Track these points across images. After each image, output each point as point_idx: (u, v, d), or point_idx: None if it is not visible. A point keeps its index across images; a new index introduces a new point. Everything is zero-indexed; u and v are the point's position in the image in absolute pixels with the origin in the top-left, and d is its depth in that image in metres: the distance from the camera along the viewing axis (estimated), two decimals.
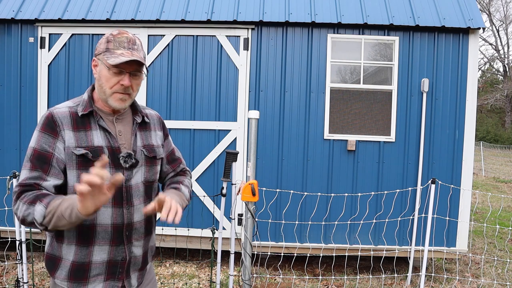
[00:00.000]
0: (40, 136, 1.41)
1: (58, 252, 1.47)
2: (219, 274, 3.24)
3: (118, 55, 1.42)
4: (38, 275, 4.15)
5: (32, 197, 1.34)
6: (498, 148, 22.89)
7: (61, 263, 1.47)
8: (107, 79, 1.44)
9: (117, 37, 1.45)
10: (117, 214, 1.49)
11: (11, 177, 3.29)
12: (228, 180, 3.04)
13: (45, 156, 1.40)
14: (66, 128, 1.43)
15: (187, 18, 4.45)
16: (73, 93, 4.59)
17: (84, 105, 1.48)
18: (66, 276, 1.47)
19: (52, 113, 1.43)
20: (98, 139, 1.47)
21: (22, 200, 1.35)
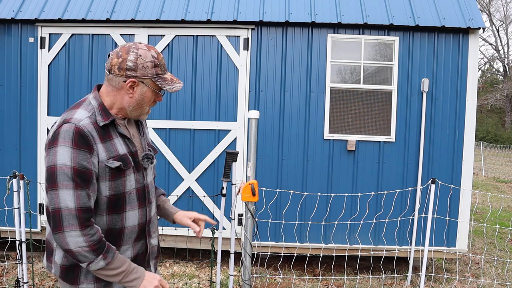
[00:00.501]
0: (75, 153, 1.37)
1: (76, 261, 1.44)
2: (219, 274, 3.24)
3: (170, 82, 1.52)
4: (38, 275, 4.15)
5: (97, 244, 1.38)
6: (498, 148, 22.89)
7: (81, 269, 1.48)
8: (149, 100, 1.53)
9: (159, 60, 1.50)
10: (142, 214, 1.58)
11: (11, 177, 3.29)
12: (228, 180, 3.04)
13: (86, 173, 1.39)
14: (97, 141, 1.43)
15: (187, 18, 4.45)
16: (73, 93, 4.59)
17: (101, 114, 1.47)
18: (93, 279, 1.49)
19: (80, 127, 1.39)
20: (121, 147, 1.51)
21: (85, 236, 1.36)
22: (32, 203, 4.46)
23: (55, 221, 1.36)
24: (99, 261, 1.39)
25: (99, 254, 1.39)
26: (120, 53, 1.46)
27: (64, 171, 1.35)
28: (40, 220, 4.63)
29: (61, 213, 1.35)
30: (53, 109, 4.60)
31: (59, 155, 1.36)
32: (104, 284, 1.51)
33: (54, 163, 1.36)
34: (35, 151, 4.60)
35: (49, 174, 1.37)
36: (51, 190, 1.37)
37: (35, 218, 4.61)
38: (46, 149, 1.41)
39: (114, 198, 1.48)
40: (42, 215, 4.62)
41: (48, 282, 4.01)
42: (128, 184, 1.51)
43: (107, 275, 1.43)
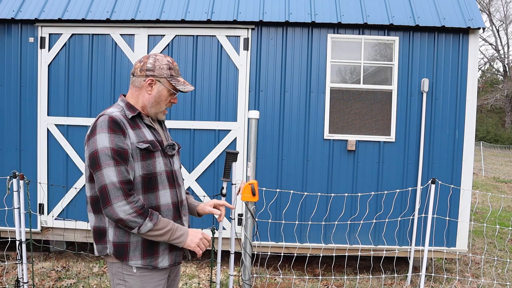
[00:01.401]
0: (112, 136, 1.62)
1: (126, 238, 1.69)
2: (219, 274, 3.24)
3: (183, 84, 1.80)
4: (38, 275, 4.15)
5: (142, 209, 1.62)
6: (498, 148, 22.89)
7: (130, 246, 1.70)
8: (166, 98, 1.80)
9: (174, 65, 1.81)
10: (173, 194, 1.79)
11: (11, 177, 3.29)
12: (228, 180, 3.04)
13: (123, 152, 1.63)
14: (128, 128, 1.69)
15: (187, 18, 4.45)
16: (73, 93, 4.59)
17: (128, 110, 1.75)
18: (140, 255, 1.70)
19: (113, 116, 1.65)
20: (149, 135, 1.76)
21: (130, 203, 1.60)
22: (32, 203, 4.46)
23: (103, 197, 1.60)
24: (147, 223, 1.61)
25: (146, 217, 1.61)
26: (141, 59, 1.80)
27: (105, 152, 1.60)
28: (40, 220, 4.63)
29: (107, 188, 1.58)
30: (53, 109, 4.60)
31: (98, 141, 1.61)
32: (150, 260, 1.71)
33: (96, 148, 1.61)
34: (35, 151, 4.60)
35: (92, 159, 1.62)
36: (97, 172, 1.61)
37: (35, 218, 4.61)
38: (87, 141, 1.66)
39: (147, 177, 1.70)
40: (42, 215, 4.62)
41: (48, 282, 4.01)
42: (158, 165, 1.75)
43: (156, 235, 1.65)
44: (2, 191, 4.39)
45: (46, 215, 4.63)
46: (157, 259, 1.74)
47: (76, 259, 4.72)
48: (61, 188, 4.53)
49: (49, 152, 4.60)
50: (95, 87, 4.59)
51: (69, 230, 4.63)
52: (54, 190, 4.56)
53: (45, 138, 4.58)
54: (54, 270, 4.32)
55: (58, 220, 4.62)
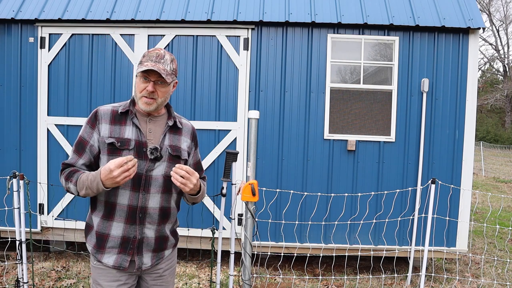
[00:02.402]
0: (85, 127, 1.84)
1: (91, 222, 1.84)
2: (219, 274, 3.24)
3: (143, 66, 1.74)
4: (38, 275, 4.15)
5: (67, 174, 1.80)
6: (498, 148, 22.89)
7: (91, 231, 1.83)
8: (138, 85, 1.80)
9: (150, 53, 1.79)
10: (133, 197, 1.78)
11: (11, 177, 3.28)
12: (228, 180, 3.04)
13: (83, 142, 1.82)
14: (104, 122, 1.79)
15: (187, 18, 4.45)
16: (73, 93, 4.59)
17: (124, 106, 1.84)
18: (93, 242, 1.82)
19: (98, 110, 1.83)
20: (129, 133, 1.79)
21: (63, 175, 1.82)
22: (32, 203, 4.46)
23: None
24: (70, 185, 1.77)
25: (68, 180, 1.78)
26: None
27: (77, 139, 1.86)
28: (40, 220, 4.63)
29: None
30: (53, 109, 4.60)
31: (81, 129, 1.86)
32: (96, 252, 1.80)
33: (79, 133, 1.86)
34: (35, 151, 4.60)
35: None
36: None
37: (35, 218, 4.61)
38: None
39: None
40: (42, 215, 4.62)
41: (48, 282, 4.01)
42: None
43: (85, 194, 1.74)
44: (2, 191, 4.39)
45: (46, 215, 4.63)
46: (102, 253, 1.80)
47: (76, 259, 4.72)
48: (61, 188, 4.52)
49: (49, 152, 4.60)
50: (95, 87, 4.59)
51: (69, 230, 4.63)
52: (54, 190, 4.56)
53: (45, 138, 4.58)
54: (54, 270, 4.32)
55: (58, 220, 4.62)
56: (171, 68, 1.80)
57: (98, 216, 1.81)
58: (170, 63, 1.80)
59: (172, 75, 1.80)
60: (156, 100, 1.78)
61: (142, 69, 1.73)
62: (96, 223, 1.81)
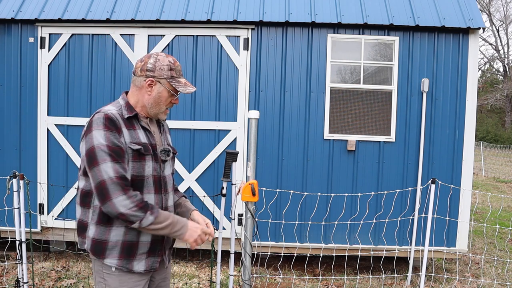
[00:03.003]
0: (108, 133, 1.62)
1: (105, 236, 1.69)
2: (219, 274, 3.24)
3: (184, 85, 1.77)
4: (38, 275, 4.15)
5: (142, 202, 1.62)
6: (498, 148, 22.88)
7: (108, 244, 1.70)
8: (166, 99, 1.77)
9: (176, 66, 1.77)
10: (158, 200, 1.79)
11: (11, 177, 3.29)
12: (228, 180, 3.04)
13: (119, 150, 1.64)
14: (123, 127, 1.69)
15: (187, 18, 4.45)
16: (73, 93, 4.59)
17: (126, 110, 1.74)
18: (117, 255, 1.70)
19: (108, 114, 1.65)
20: (143, 137, 1.75)
21: (130, 198, 1.60)
22: (32, 203, 4.46)
23: (102, 193, 1.59)
24: (148, 217, 1.62)
25: (147, 211, 1.62)
26: (143, 58, 1.77)
27: (101, 148, 1.60)
28: (40, 220, 4.63)
29: (106, 183, 1.58)
30: (53, 109, 4.60)
31: (94, 137, 1.61)
32: (125, 262, 1.71)
33: (92, 144, 1.61)
34: (35, 151, 4.60)
35: (89, 155, 1.61)
36: (94, 168, 1.60)
37: (35, 218, 4.61)
38: (83, 137, 1.66)
39: (136, 179, 1.70)
40: (42, 215, 4.62)
41: (48, 282, 4.01)
42: (147, 169, 1.74)
43: (157, 229, 1.65)
44: (2, 191, 4.39)
45: (46, 215, 4.63)
46: (132, 262, 1.73)
47: (76, 259, 4.72)
48: (61, 188, 4.53)
49: (49, 152, 4.60)
50: (95, 87, 4.59)
51: (69, 230, 4.63)
52: (54, 190, 4.56)
53: (45, 138, 4.58)
54: (54, 270, 4.32)
55: (58, 220, 4.62)
56: None
57: (120, 226, 1.69)
58: None
59: None
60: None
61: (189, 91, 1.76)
62: (119, 234, 1.70)
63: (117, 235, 1.70)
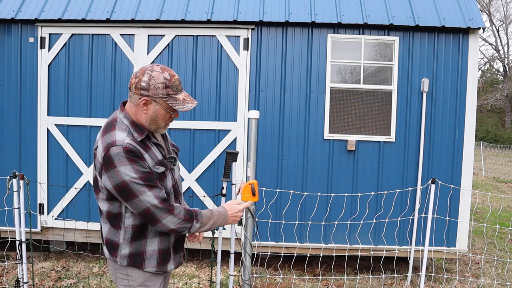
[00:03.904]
0: (135, 166, 1.63)
1: (142, 248, 1.77)
2: (219, 274, 3.24)
3: (182, 102, 1.70)
4: (38, 275, 4.15)
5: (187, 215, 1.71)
6: (498, 148, 22.88)
7: (145, 255, 1.78)
8: (163, 117, 1.73)
9: (172, 82, 1.69)
10: (178, 203, 1.87)
11: (11, 177, 3.28)
12: (228, 180, 3.04)
13: (149, 175, 1.67)
14: (143, 152, 1.69)
15: (187, 18, 4.45)
16: (73, 93, 4.59)
17: (136, 131, 1.71)
18: (155, 263, 1.80)
19: (127, 147, 1.63)
20: (158, 154, 1.77)
21: (176, 216, 1.69)
22: (32, 203, 4.46)
23: (150, 218, 1.66)
24: (195, 225, 1.73)
25: (193, 220, 1.73)
26: (137, 74, 1.69)
27: (134, 182, 1.62)
28: (40, 220, 4.63)
29: (150, 210, 1.65)
30: (53, 109, 4.60)
31: (122, 173, 1.62)
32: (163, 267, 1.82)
33: (122, 180, 1.62)
34: (35, 151, 4.60)
35: (122, 190, 1.63)
36: (133, 200, 1.64)
37: (35, 218, 4.61)
38: (105, 172, 1.64)
39: None
40: (42, 215, 4.62)
41: (48, 282, 4.01)
42: (168, 183, 1.81)
43: (206, 230, 1.79)
44: (2, 191, 4.38)
45: (46, 215, 4.63)
46: (168, 264, 1.85)
47: (76, 259, 4.72)
48: (61, 188, 4.53)
49: (49, 152, 4.60)
50: (95, 87, 4.59)
51: (69, 230, 4.63)
52: (54, 190, 4.56)
53: (45, 138, 4.58)
54: (54, 270, 4.32)
55: (58, 220, 4.62)
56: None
57: (154, 236, 1.77)
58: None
59: None
60: None
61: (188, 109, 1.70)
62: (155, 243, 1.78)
63: (152, 244, 1.78)
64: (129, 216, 1.73)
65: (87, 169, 4.56)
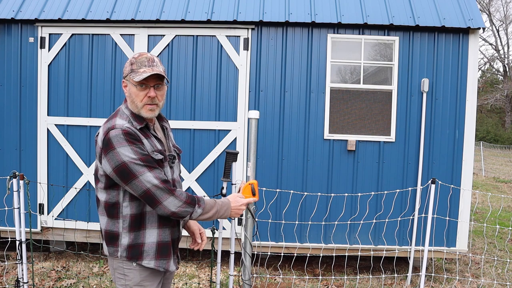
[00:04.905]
0: (134, 147, 1.66)
1: (141, 239, 1.76)
2: (219, 274, 3.24)
3: (141, 73, 1.69)
4: (38, 275, 4.15)
5: (189, 198, 1.69)
6: (498, 148, 22.88)
7: (144, 247, 1.77)
8: (136, 95, 1.73)
9: (138, 58, 1.73)
10: None
11: (11, 177, 3.29)
12: (228, 180, 3.04)
13: (148, 158, 1.68)
14: (142, 137, 1.72)
15: (187, 18, 4.45)
16: (73, 93, 4.59)
17: (135, 120, 1.75)
18: (154, 255, 1.78)
19: (126, 129, 1.67)
20: (158, 144, 1.80)
21: (178, 197, 1.67)
22: (32, 203, 4.46)
23: (151, 199, 1.65)
24: (197, 210, 1.71)
25: (195, 205, 1.70)
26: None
27: (134, 162, 1.64)
28: (40, 220, 4.63)
29: (151, 191, 1.64)
30: (53, 109, 4.60)
31: (121, 155, 1.63)
32: (163, 262, 1.80)
33: (122, 161, 1.63)
34: (35, 151, 4.60)
35: (122, 171, 1.64)
36: (133, 181, 1.64)
37: (35, 218, 4.61)
38: (104, 155, 1.67)
39: None
40: (42, 215, 4.62)
41: (48, 282, 4.01)
42: (168, 175, 1.81)
43: (207, 218, 1.75)
44: (2, 191, 4.39)
45: (46, 215, 4.63)
46: (169, 261, 1.83)
47: (76, 259, 4.72)
48: (61, 188, 4.53)
49: (49, 152, 4.60)
50: (95, 87, 4.59)
51: (69, 230, 4.63)
52: (54, 190, 4.56)
53: (45, 138, 4.58)
54: (54, 270, 4.32)
55: (58, 220, 4.62)
56: (163, 69, 1.79)
57: (153, 227, 1.78)
58: (161, 65, 1.79)
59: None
60: (158, 104, 1.78)
61: (143, 77, 1.68)
62: (154, 235, 1.78)
63: (151, 236, 1.77)
64: (127, 206, 1.73)
65: (87, 169, 4.56)
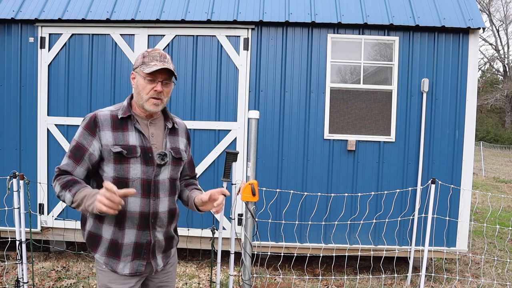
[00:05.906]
0: (82, 132, 1.74)
1: (99, 231, 1.78)
2: (219, 274, 3.24)
3: (152, 66, 1.72)
4: (38, 275, 4.15)
5: (64, 182, 1.69)
6: (498, 148, 22.88)
7: (101, 240, 1.78)
8: (143, 87, 1.75)
9: (151, 53, 1.76)
10: (144, 204, 1.78)
11: (11, 177, 3.29)
12: (228, 180, 3.04)
13: (81, 149, 1.73)
14: (106, 129, 1.73)
15: (187, 18, 4.45)
16: (73, 93, 4.59)
17: (123, 110, 1.78)
18: (105, 252, 1.78)
19: (96, 115, 1.74)
20: (133, 139, 1.76)
21: (58, 181, 1.70)
22: (32, 203, 4.46)
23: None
24: (67, 194, 1.66)
25: (66, 189, 1.67)
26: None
27: (73, 144, 1.74)
28: (40, 220, 4.63)
29: (55, 170, 1.76)
30: (53, 109, 4.60)
31: (77, 132, 1.76)
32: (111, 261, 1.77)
33: (74, 137, 1.77)
34: (35, 151, 4.60)
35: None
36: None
37: (35, 218, 4.61)
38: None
39: (117, 180, 1.72)
40: (42, 215, 4.62)
41: (48, 282, 4.01)
42: (132, 172, 1.75)
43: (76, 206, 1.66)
44: (2, 191, 4.39)
45: (46, 215, 4.63)
46: (118, 263, 1.78)
47: (76, 259, 4.72)
48: None
49: (49, 152, 4.60)
50: (95, 87, 4.59)
51: (69, 230, 4.63)
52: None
53: (45, 138, 4.58)
54: (54, 270, 4.32)
55: (58, 220, 4.62)
56: (173, 67, 1.80)
57: (110, 224, 1.75)
58: (172, 63, 1.80)
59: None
60: (162, 100, 1.78)
61: (152, 69, 1.70)
62: (109, 232, 1.76)
63: (107, 232, 1.77)
64: None
65: None
